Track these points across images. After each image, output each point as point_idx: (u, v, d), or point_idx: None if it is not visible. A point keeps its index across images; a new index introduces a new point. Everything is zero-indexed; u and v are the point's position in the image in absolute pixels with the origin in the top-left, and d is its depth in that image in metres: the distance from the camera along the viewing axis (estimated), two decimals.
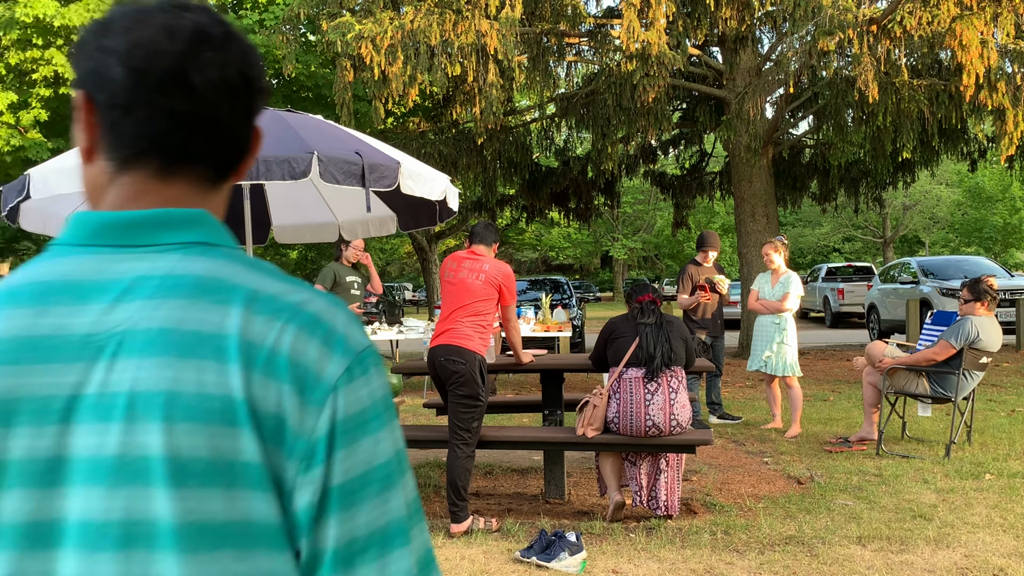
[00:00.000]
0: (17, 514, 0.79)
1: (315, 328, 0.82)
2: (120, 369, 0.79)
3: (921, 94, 11.52)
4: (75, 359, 0.80)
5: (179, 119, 0.86)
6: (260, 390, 0.79)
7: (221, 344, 0.79)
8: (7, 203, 4.85)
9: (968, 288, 6.67)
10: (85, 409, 0.79)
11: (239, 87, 0.89)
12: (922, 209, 38.59)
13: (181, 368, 0.78)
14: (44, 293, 0.83)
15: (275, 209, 6.66)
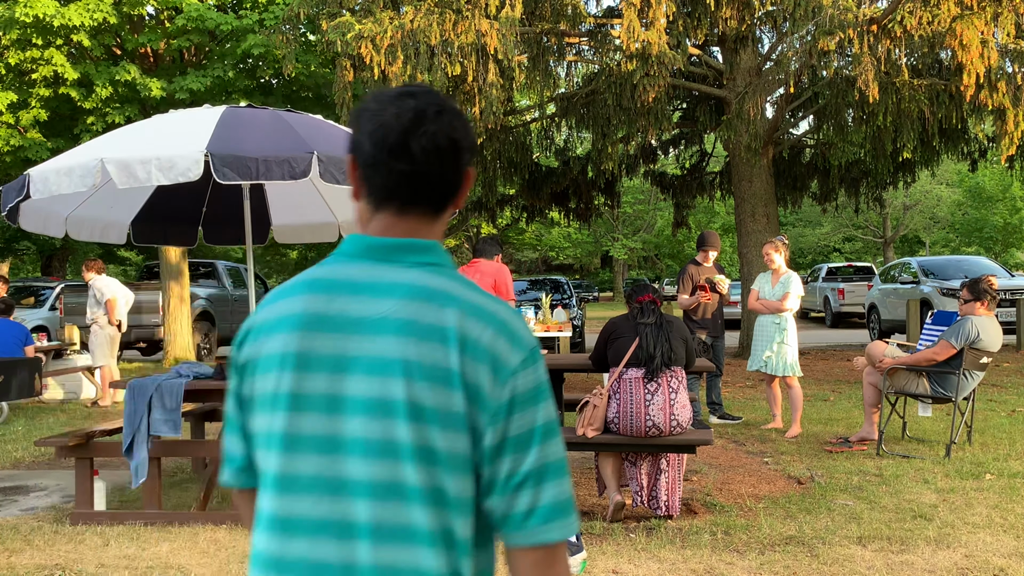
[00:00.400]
0: (314, 429, 1.24)
1: (504, 330, 1.26)
2: (379, 341, 1.23)
3: (921, 94, 11.52)
4: (351, 332, 1.25)
5: (406, 176, 1.29)
6: (469, 367, 1.23)
7: (444, 334, 1.23)
8: (7, 203, 4.85)
9: (968, 288, 6.66)
10: (355, 365, 1.23)
11: (447, 149, 1.30)
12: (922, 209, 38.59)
13: (419, 346, 1.22)
14: (333, 286, 1.29)
15: (275, 209, 6.65)
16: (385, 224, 1.32)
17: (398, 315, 1.25)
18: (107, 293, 10.68)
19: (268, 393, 1.28)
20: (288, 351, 1.26)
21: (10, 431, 8.77)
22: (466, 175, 1.35)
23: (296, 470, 1.24)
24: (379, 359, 1.23)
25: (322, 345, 1.25)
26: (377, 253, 1.30)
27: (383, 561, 1.21)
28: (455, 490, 1.23)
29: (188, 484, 6.29)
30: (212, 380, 5.11)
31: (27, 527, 5.12)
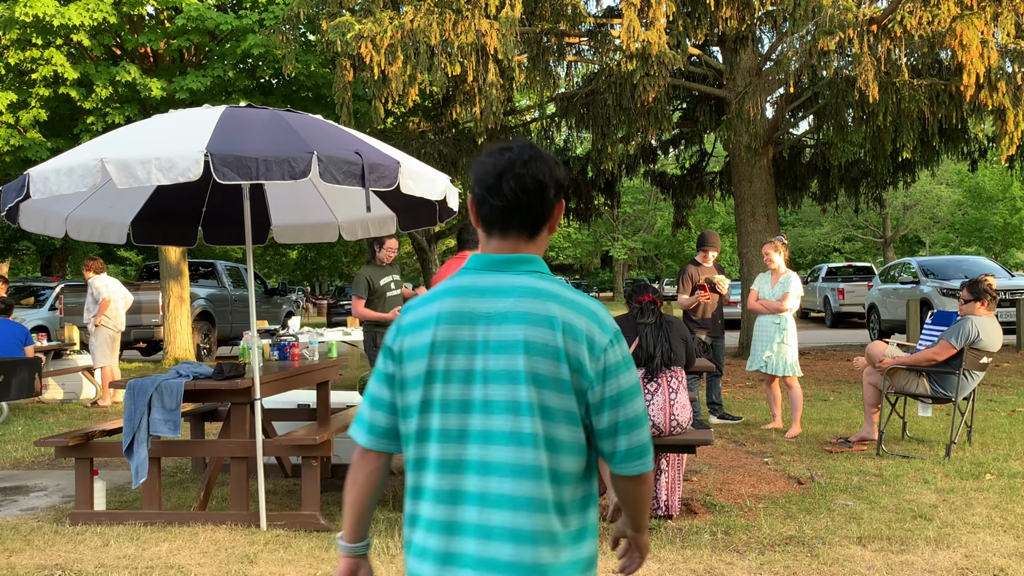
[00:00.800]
0: (457, 396, 1.71)
1: (594, 319, 1.73)
2: (504, 329, 1.70)
3: (921, 94, 11.52)
4: (481, 324, 1.72)
5: (499, 209, 1.77)
6: (571, 346, 1.69)
7: (551, 321, 1.70)
8: (7, 203, 4.84)
9: (968, 288, 6.66)
10: (487, 347, 1.70)
11: (533, 189, 1.76)
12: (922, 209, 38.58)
13: (533, 330, 1.69)
14: (465, 291, 1.76)
15: (275, 209, 6.65)
16: (495, 245, 1.80)
17: (516, 309, 1.72)
18: (103, 294, 10.67)
19: (421, 374, 1.74)
20: (436, 340, 1.74)
21: (10, 431, 8.77)
22: (555, 206, 1.83)
23: (451, 428, 1.72)
24: (505, 341, 1.71)
25: (461, 334, 1.73)
26: (494, 266, 1.78)
27: (511, 490, 1.66)
28: (568, 437, 1.70)
29: (188, 484, 6.29)
30: (212, 380, 5.11)
31: (27, 527, 5.12)
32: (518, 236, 1.79)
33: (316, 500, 5.00)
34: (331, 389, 6.70)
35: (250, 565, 4.33)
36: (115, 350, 10.88)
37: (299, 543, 4.68)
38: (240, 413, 5.19)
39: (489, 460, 1.68)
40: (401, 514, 5.22)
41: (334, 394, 7.08)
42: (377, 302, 7.44)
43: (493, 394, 1.69)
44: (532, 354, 1.68)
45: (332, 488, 6.04)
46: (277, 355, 6.42)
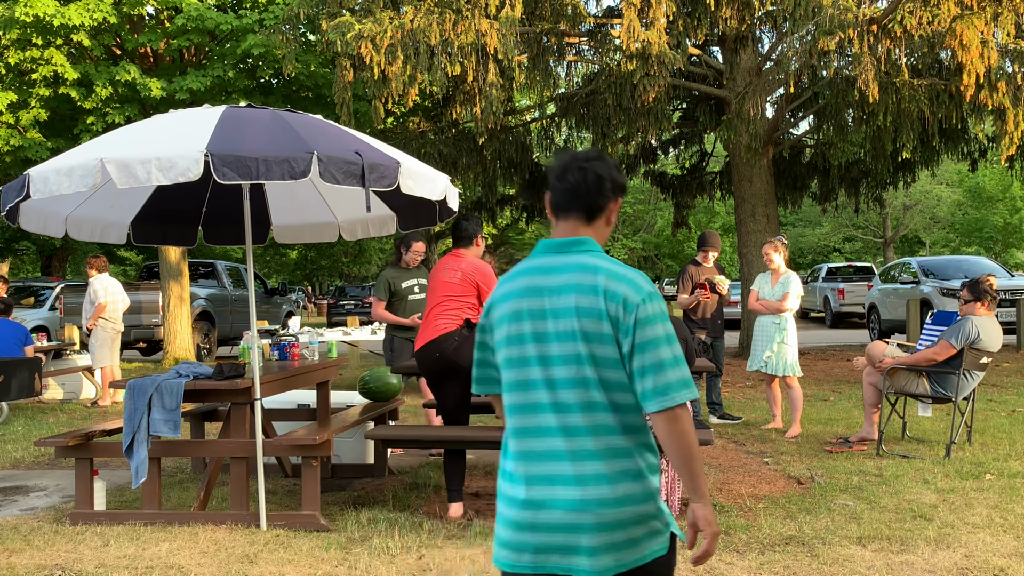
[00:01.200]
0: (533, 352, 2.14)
1: (630, 284, 2.10)
2: (562, 299, 2.11)
3: (921, 94, 11.51)
4: (547, 295, 2.13)
5: (562, 192, 2.21)
6: (610, 307, 2.07)
7: (596, 289, 2.09)
8: (7, 203, 4.84)
9: (968, 288, 6.66)
10: (549, 314, 2.11)
11: (592, 180, 2.19)
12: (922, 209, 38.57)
13: (582, 299, 2.09)
14: (534, 271, 2.18)
15: (275, 209, 6.65)
16: (559, 229, 2.25)
17: (570, 282, 2.14)
18: (99, 298, 10.65)
19: (504, 337, 2.20)
20: (514, 310, 2.19)
21: (10, 431, 8.77)
22: (612, 200, 2.24)
23: (526, 376, 2.17)
24: (564, 308, 2.13)
25: (532, 304, 2.17)
26: (555, 249, 2.22)
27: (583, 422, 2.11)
28: (616, 379, 2.11)
29: (188, 484, 6.29)
30: (212, 380, 5.11)
31: (27, 527, 5.12)
32: (577, 220, 2.23)
33: (316, 500, 5.01)
34: (331, 389, 6.70)
35: (250, 565, 4.33)
36: (115, 350, 10.88)
37: (299, 543, 4.68)
38: (240, 413, 5.19)
39: (559, 400, 2.13)
40: (401, 514, 5.23)
41: (334, 394, 7.08)
42: (399, 304, 7.38)
43: (558, 350, 2.13)
44: (582, 317, 2.10)
45: (332, 488, 6.05)
46: (277, 355, 6.42)
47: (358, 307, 31.31)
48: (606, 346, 2.09)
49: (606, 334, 2.09)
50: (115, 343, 10.87)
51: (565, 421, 2.11)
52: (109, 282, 10.81)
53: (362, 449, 6.55)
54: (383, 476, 6.41)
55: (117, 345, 10.93)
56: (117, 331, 10.86)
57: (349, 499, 5.69)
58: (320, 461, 5.37)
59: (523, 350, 2.16)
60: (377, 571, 4.22)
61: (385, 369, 6.39)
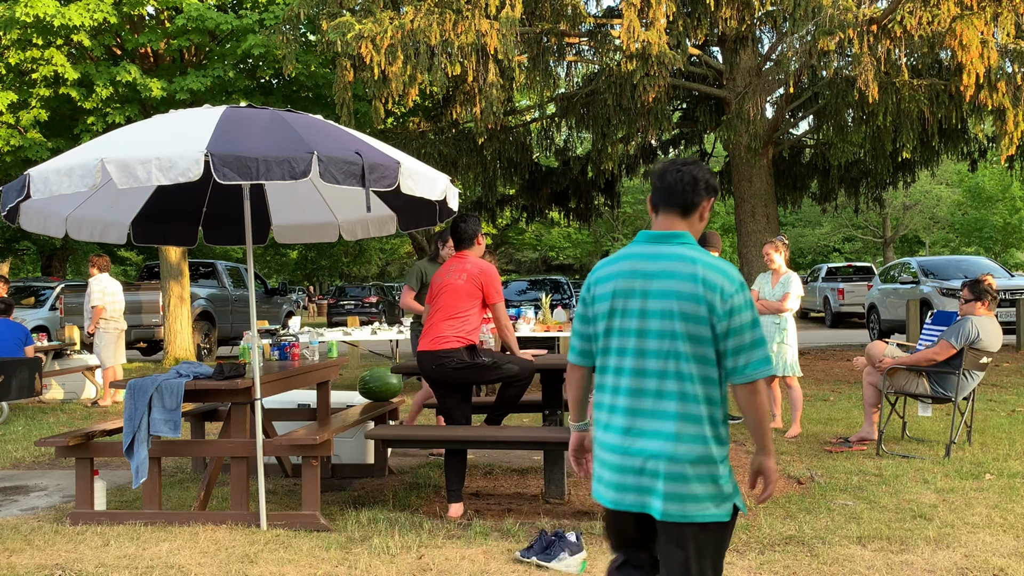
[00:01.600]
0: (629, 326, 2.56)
1: (725, 275, 2.50)
2: (661, 283, 2.51)
3: (921, 94, 11.51)
4: (646, 279, 2.54)
5: (662, 191, 2.62)
6: (707, 294, 2.47)
7: (695, 278, 2.49)
8: (7, 203, 4.84)
9: (969, 288, 6.66)
10: (652, 295, 2.52)
11: (688, 181, 2.59)
12: (922, 209, 38.56)
13: (682, 284, 2.49)
14: (636, 256, 2.59)
15: (275, 209, 6.65)
16: (658, 224, 2.64)
17: (670, 269, 2.53)
18: (95, 299, 10.65)
19: (605, 312, 2.60)
20: (616, 289, 2.59)
21: (10, 431, 8.78)
22: (705, 199, 2.63)
23: (624, 345, 2.57)
24: (664, 291, 2.52)
25: (633, 285, 2.56)
26: (655, 239, 2.61)
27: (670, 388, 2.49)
28: (704, 355, 2.50)
29: (188, 484, 6.29)
30: (212, 380, 5.11)
31: (27, 527, 5.12)
32: (673, 215, 2.62)
33: (316, 500, 5.01)
34: (331, 389, 6.70)
35: (250, 565, 4.34)
36: (120, 348, 10.89)
37: (299, 543, 4.68)
38: (240, 413, 5.19)
39: (652, 368, 2.52)
40: (401, 514, 5.23)
41: (334, 394, 7.08)
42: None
43: (656, 326, 2.51)
44: (681, 300, 2.49)
45: (332, 488, 6.05)
46: (277, 355, 6.42)
47: (358, 307, 31.32)
48: (700, 327, 2.48)
49: (702, 316, 2.48)
50: (120, 342, 10.87)
51: (655, 386, 2.51)
52: (107, 282, 10.81)
53: (362, 449, 6.55)
54: (383, 476, 6.41)
55: (122, 343, 10.93)
56: (120, 330, 10.86)
57: (349, 499, 5.69)
58: (320, 461, 5.38)
59: (623, 323, 2.57)
60: (377, 571, 4.22)
61: (385, 369, 6.39)
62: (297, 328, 8.38)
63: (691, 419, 2.48)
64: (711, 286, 2.47)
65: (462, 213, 5.65)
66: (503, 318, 5.36)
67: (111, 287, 10.81)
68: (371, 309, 31.04)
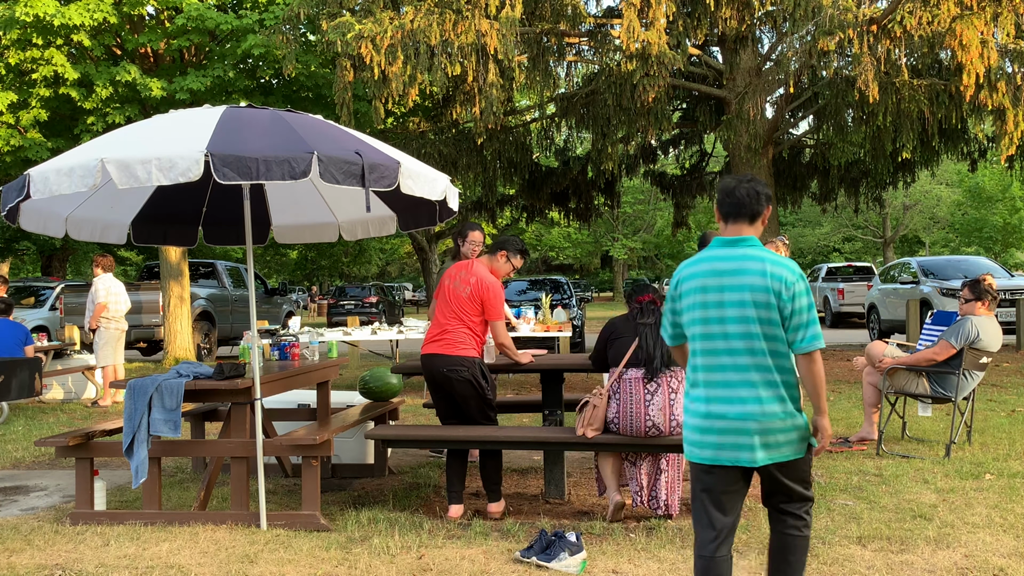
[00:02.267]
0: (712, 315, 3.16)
1: (787, 269, 3.12)
2: (736, 278, 3.12)
3: (921, 94, 11.52)
4: (723, 276, 3.15)
5: (732, 204, 3.22)
6: (774, 284, 3.09)
7: (764, 273, 3.10)
8: (7, 203, 4.84)
9: (969, 288, 6.66)
10: (728, 289, 3.13)
11: (753, 194, 3.20)
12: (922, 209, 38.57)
13: (753, 278, 3.11)
14: (714, 258, 3.20)
15: (275, 209, 6.65)
16: (728, 231, 3.22)
17: (743, 267, 3.11)
18: (99, 297, 10.65)
19: (689, 304, 3.18)
20: (699, 286, 3.16)
21: (10, 431, 8.78)
22: (766, 208, 3.22)
23: (709, 330, 3.13)
24: (739, 284, 3.10)
25: (713, 282, 3.14)
26: (729, 244, 3.19)
27: (749, 362, 3.07)
28: (773, 334, 3.08)
29: (188, 484, 6.29)
30: (212, 380, 5.11)
31: (27, 527, 5.12)
32: (743, 223, 3.20)
33: (316, 500, 5.01)
34: (331, 389, 6.71)
35: (250, 565, 4.34)
36: (119, 349, 10.89)
37: (299, 543, 4.68)
38: (240, 413, 5.20)
39: (733, 347, 3.11)
40: (402, 514, 5.23)
41: (334, 394, 7.08)
42: None
43: (733, 313, 3.11)
44: (754, 291, 3.09)
45: (332, 488, 6.05)
46: (277, 355, 6.42)
47: (358, 307, 31.32)
48: (769, 311, 3.08)
49: (772, 304, 3.08)
50: (119, 343, 10.87)
51: (736, 361, 3.10)
52: (112, 282, 10.82)
53: (362, 449, 6.55)
54: (383, 476, 6.41)
55: (121, 344, 10.93)
56: (121, 330, 10.87)
57: (349, 499, 5.69)
58: (320, 461, 5.38)
59: (707, 312, 3.15)
60: (377, 571, 4.22)
61: (385, 369, 6.39)
62: (297, 328, 8.38)
63: (769, 385, 3.08)
64: (777, 278, 3.08)
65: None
66: (500, 334, 5.31)
67: (115, 287, 10.82)
68: (371, 309, 31.04)
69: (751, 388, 3.07)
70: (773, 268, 3.09)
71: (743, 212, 3.18)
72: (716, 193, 3.26)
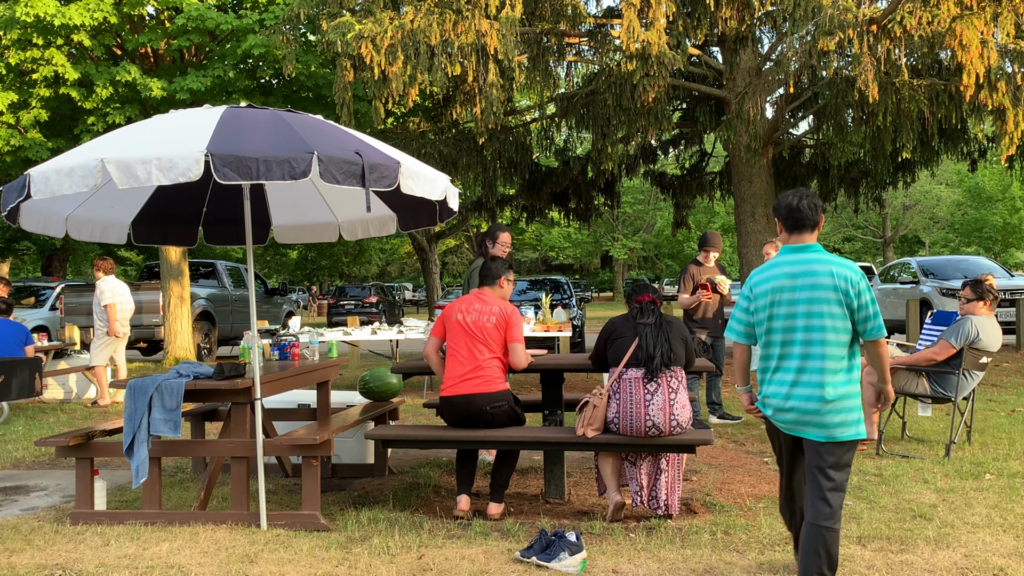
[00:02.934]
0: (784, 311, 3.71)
1: (851, 270, 3.65)
2: (806, 279, 3.66)
3: (921, 94, 11.51)
4: (794, 278, 3.69)
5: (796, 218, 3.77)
6: (841, 283, 3.63)
7: (831, 274, 3.65)
8: (7, 203, 4.84)
9: (970, 287, 6.67)
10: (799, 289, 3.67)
11: (814, 208, 3.76)
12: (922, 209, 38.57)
13: (821, 279, 3.65)
14: (784, 262, 3.75)
15: (275, 209, 6.65)
16: (793, 240, 3.75)
17: (810, 269, 3.63)
18: (105, 299, 10.65)
19: (765, 304, 3.72)
20: (774, 287, 3.69)
21: (10, 431, 8.78)
22: (821, 217, 3.74)
23: (782, 325, 3.68)
24: (807, 285, 3.62)
25: (785, 283, 3.67)
26: (795, 250, 3.71)
27: (817, 352, 3.60)
28: (839, 326, 3.60)
29: (188, 484, 6.30)
30: (212, 380, 5.11)
31: (27, 527, 5.12)
32: (806, 232, 3.74)
33: (316, 500, 5.01)
34: (331, 389, 6.71)
35: (250, 565, 4.34)
36: (120, 351, 10.88)
37: (299, 543, 4.68)
38: (240, 413, 5.20)
39: (803, 339, 3.64)
40: (401, 514, 5.23)
41: (334, 394, 7.08)
42: None
43: (803, 309, 3.63)
44: (823, 289, 3.61)
45: (332, 488, 6.05)
46: (277, 355, 6.43)
47: (358, 307, 31.32)
48: (835, 307, 3.60)
49: (839, 300, 3.60)
50: (120, 344, 10.86)
51: (806, 351, 3.64)
52: (115, 284, 10.80)
53: (362, 449, 6.55)
54: (383, 476, 6.41)
55: (122, 346, 10.92)
56: (124, 334, 10.84)
57: (349, 499, 5.69)
58: (320, 461, 5.38)
59: (777, 310, 3.69)
60: (377, 571, 4.22)
61: (385, 369, 6.39)
62: (297, 328, 8.38)
63: (833, 372, 3.61)
64: (843, 278, 3.61)
65: (494, 256, 5.67)
66: (522, 357, 5.31)
67: (119, 288, 10.80)
68: (371, 309, 31.05)
69: (816, 374, 3.61)
70: (837, 269, 3.62)
71: (807, 224, 3.73)
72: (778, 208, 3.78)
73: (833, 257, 3.66)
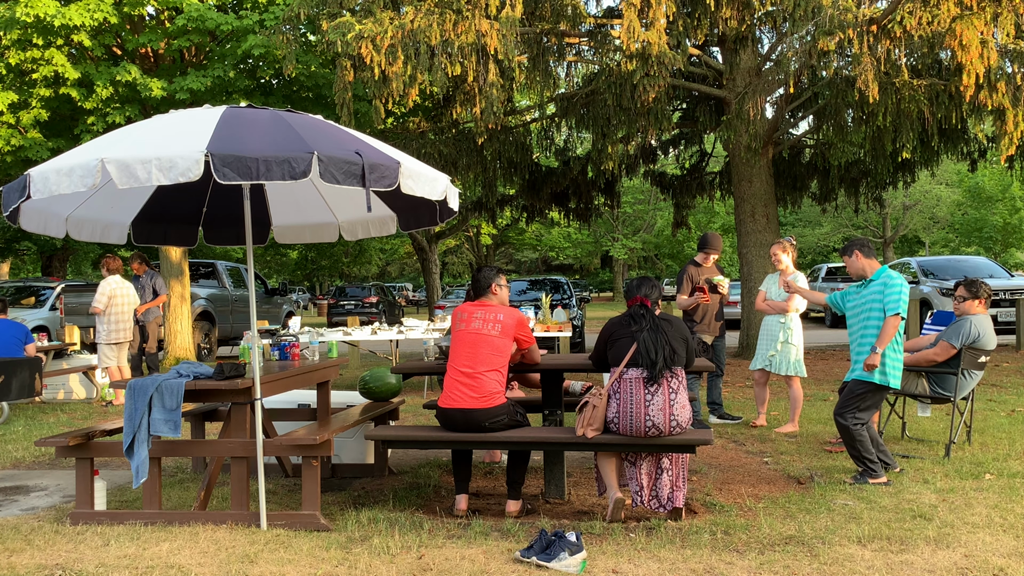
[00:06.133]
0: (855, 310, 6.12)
1: (891, 278, 5.96)
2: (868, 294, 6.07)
3: (921, 94, 11.52)
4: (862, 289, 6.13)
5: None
6: (881, 291, 5.95)
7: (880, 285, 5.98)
8: (7, 203, 4.84)
9: (965, 287, 6.67)
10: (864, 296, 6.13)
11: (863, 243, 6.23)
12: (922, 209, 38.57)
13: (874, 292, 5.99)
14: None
15: (275, 209, 6.65)
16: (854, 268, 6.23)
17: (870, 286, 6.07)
18: (95, 302, 10.61)
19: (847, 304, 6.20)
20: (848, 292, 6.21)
21: (10, 431, 8.78)
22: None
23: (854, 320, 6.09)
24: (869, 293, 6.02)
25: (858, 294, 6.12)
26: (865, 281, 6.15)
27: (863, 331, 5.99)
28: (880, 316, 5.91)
29: (188, 484, 6.30)
30: (212, 380, 5.11)
31: (27, 527, 5.12)
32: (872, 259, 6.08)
33: (316, 500, 5.01)
34: (331, 389, 6.71)
35: (250, 565, 4.34)
36: (122, 352, 10.89)
37: (299, 543, 4.68)
38: (240, 413, 5.20)
39: (866, 331, 5.88)
40: (402, 514, 5.23)
41: (334, 394, 7.09)
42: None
43: (861, 308, 5.95)
44: (877, 298, 5.86)
45: (332, 488, 6.05)
46: (277, 355, 6.43)
47: (358, 307, 31.33)
48: (880, 305, 5.75)
49: (881, 300, 5.74)
50: (125, 347, 10.85)
51: (863, 331, 5.87)
52: (115, 285, 10.77)
53: (362, 449, 6.55)
54: (383, 476, 6.41)
55: (124, 346, 10.92)
56: (126, 338, 10.83)
57: (349, 499, 5.69)
58: (320, 461, 5.38)
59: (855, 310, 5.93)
60: (377, 571, 4.22)
61: (385, 369, 6.40)
62: (297, 328, 8.39)
63: (869, 343, 5.81)
64: (887, 287, 5.73)
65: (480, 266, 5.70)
66: (537, 355, 5.41)
67: (119, 289, 10.77)
68: (371, 309, 31.06)
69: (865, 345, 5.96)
70: (885, 279, 5.72)
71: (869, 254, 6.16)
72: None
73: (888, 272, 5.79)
